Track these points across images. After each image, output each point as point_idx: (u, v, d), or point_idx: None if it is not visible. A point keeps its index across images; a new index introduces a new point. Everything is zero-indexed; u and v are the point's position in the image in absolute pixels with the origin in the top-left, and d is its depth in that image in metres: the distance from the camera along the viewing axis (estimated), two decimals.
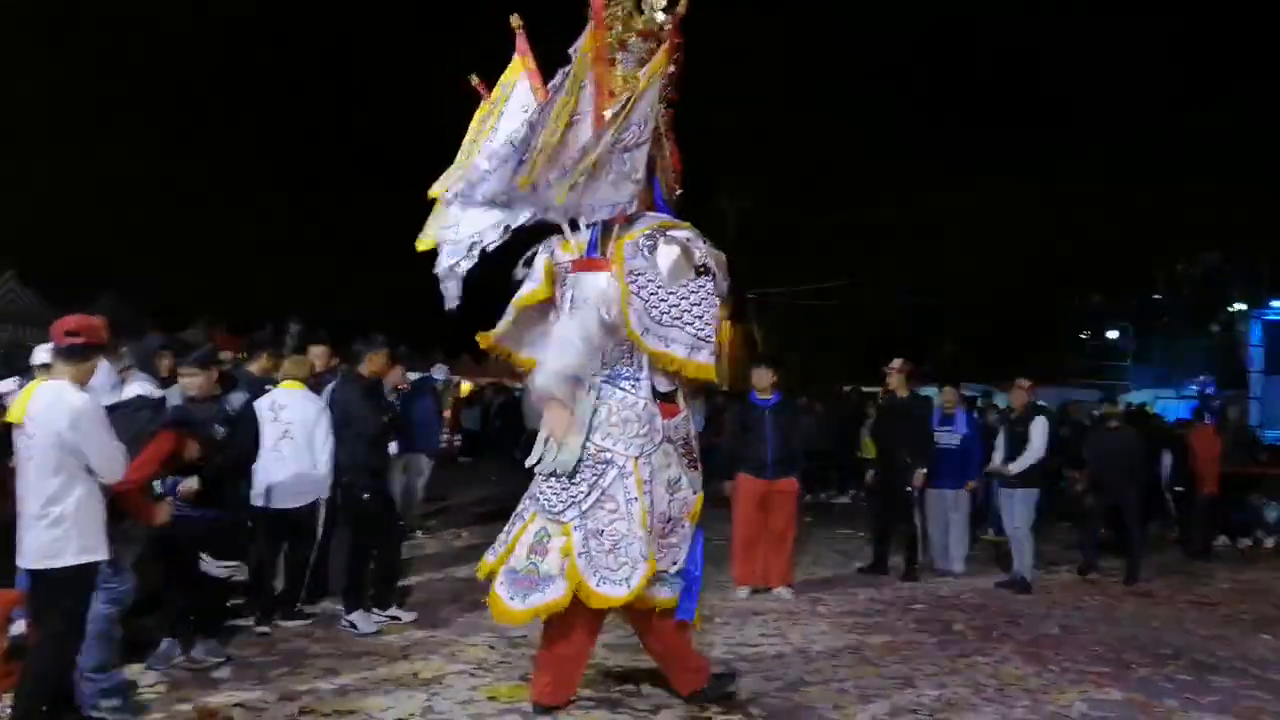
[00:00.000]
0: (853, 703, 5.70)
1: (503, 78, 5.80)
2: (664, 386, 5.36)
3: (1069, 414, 14.59)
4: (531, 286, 5.51)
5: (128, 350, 7.00)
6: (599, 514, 5.15)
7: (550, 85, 5.32)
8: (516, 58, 5.78)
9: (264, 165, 32.85)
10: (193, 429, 5.72)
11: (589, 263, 5.32)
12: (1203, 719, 5.58)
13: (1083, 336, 31.16)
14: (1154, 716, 5.61)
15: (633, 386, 5.30)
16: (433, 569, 9.16)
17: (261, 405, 6.83)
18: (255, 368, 7.91)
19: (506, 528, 5.45)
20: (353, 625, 6.92)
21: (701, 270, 5.28)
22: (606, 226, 5.31)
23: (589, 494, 5.19)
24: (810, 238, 34.75)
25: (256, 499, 6.92)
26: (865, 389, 19.80)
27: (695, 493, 5.44)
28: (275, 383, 7.37)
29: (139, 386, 6.25)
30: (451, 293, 5.77)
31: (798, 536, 9.25)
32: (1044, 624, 7.84)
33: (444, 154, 5.89)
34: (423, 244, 5.84)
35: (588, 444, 5.24)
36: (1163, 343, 27.62)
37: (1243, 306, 22.61)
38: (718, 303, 5.31)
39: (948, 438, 9.89)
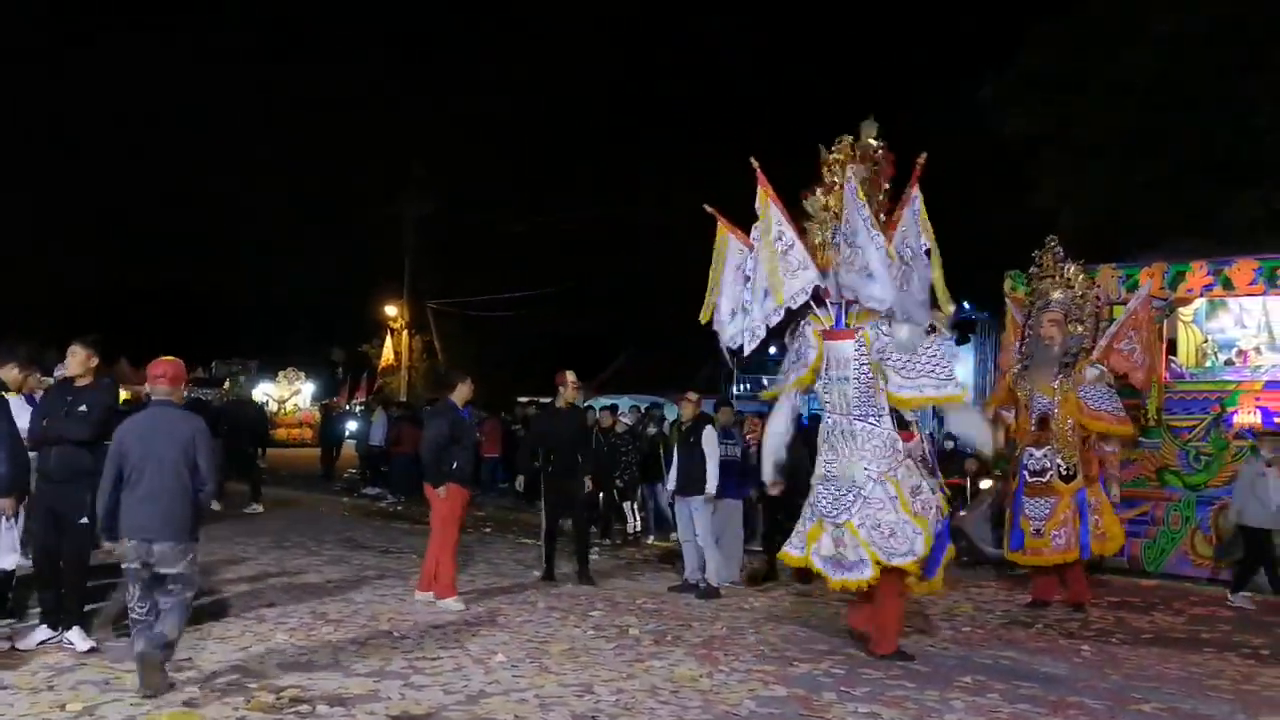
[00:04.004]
0: (533, 712, 5.68)
1: (758, 205, 7.49)
2: (907, 417, 7.26)
3: None
4: (800, 372, 7.55)
5: None
6: (869, 512, 7.03)
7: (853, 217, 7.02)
8: (760, 190, 7.44)
9: None
10: None
11: (838, 333, 7.31)
12: (857, 709, 5.95)
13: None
14: (814, 710, 5.93)
15: (877, 420, 7.13)
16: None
17: None
18: None
19: (798, 527, 7.60)
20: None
21: (930, 330, 7.14)
22: (849, 304, 7.25)
23: (855, 500, 7.09)
24: (490, 249, 34.76)
25: None
26: (544, 400, 19.97)
27: (935, 493, 7.20)
28: None
29: None
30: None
31: (477, 545, 9.21)
32: (713, 626, 8.15)
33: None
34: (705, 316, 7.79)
35: (859, 465, 7.11)
36: None
37: None
38: (947, 351, 7.33)
39: (731, 450, 10.06)
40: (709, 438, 9.66)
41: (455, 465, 8.65)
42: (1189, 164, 18.47)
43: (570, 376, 10.43)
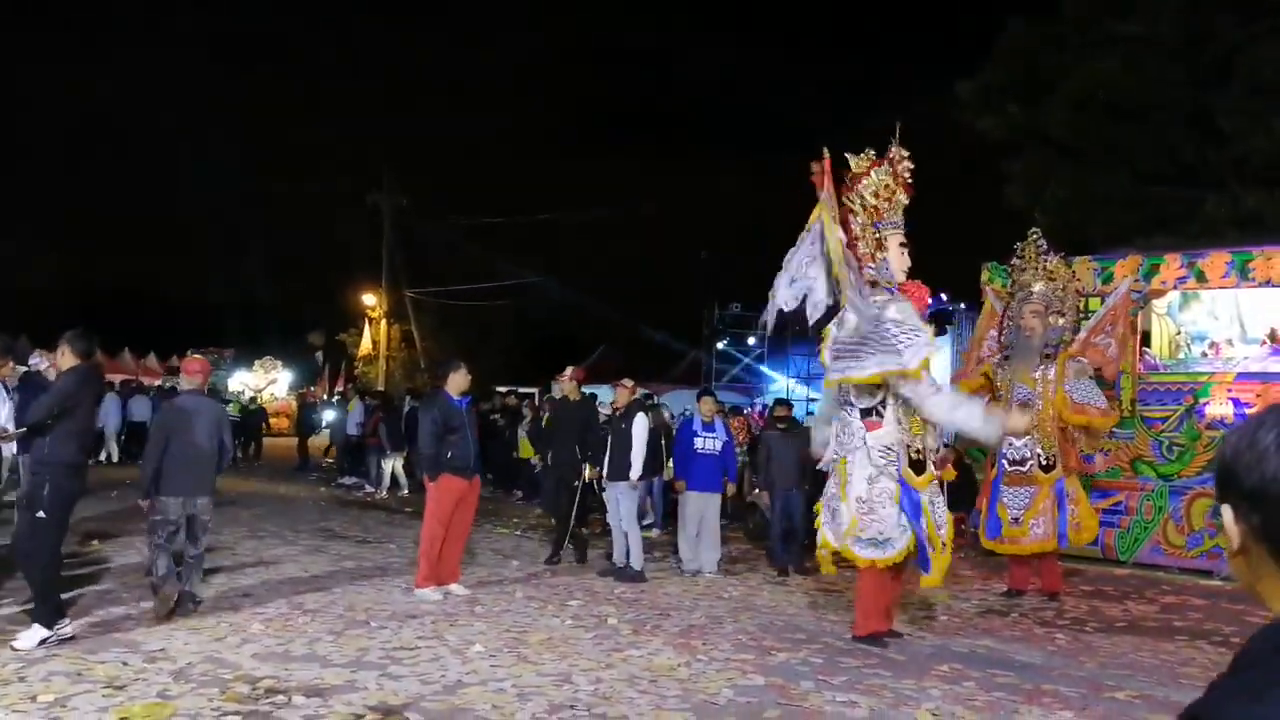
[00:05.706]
0: (511, 702, 5.66)
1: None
2: (863, 404, 7.25)
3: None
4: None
5: None
6: (829, 494, 7.48)
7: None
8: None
9: None
10: None
11: None
12: (835, 698, 5.97)
13: (722, 344, 33.14)
14: (792, 698, 5.94)
15: (849, 411, 7.35)
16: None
17: None
18: None
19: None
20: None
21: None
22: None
23: (830, 482, 7.54)
24: (468, 238, 34.64)
25: None
26: (523, 390, 19.96)
27: (896, 483, 7.15)
28: None
29: None
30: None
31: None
32: (691, 616, 8.17)
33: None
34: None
35: (835, 450, 7.51)
36: (792, 348, 29.87)
37: None
38: (869, 342, 7.03)
39: (711, 443, 10.24)
40: (638, 424, 9.86)
41: (450, 455, 8.62)
42: (1156, 167, 18.61)
43: (567, 371, 11.12)
